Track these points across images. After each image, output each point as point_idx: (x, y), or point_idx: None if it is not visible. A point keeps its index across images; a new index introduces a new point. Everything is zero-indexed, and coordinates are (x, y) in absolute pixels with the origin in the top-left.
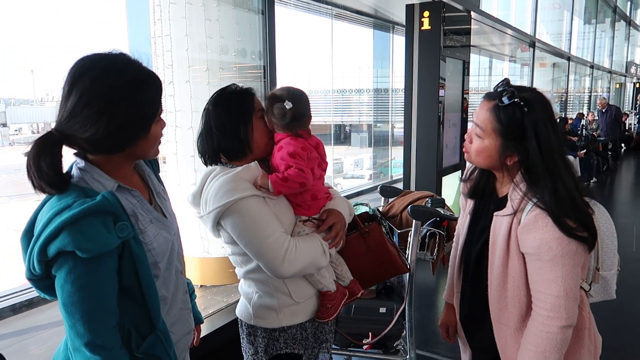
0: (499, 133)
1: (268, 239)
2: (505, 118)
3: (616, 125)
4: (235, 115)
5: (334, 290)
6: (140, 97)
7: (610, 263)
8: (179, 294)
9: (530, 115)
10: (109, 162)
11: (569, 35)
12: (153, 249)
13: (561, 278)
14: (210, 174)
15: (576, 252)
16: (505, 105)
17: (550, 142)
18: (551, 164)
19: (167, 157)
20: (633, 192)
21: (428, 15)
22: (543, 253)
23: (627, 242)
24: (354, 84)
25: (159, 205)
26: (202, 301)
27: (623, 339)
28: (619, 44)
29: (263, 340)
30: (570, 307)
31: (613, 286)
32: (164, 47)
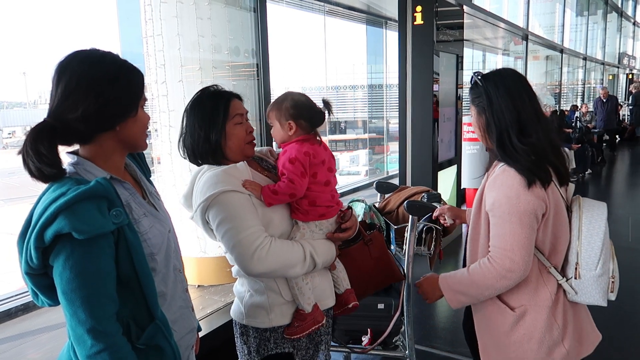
0: (474, 104)
1: (241, 233)
2: (471, 92)
3: (614, 115)
4: (207, 121)
5: (308, 312)
6: (124, 76)
7: (591, 263)
8: (178, 292)
9: (485, 83)
10: (100, 153)
11: (561, 27)
12: (148, 239)
13: (509, 234)
14: (198, 173)
15: (525, 210)
16: (471, 86)
17: (499, 99)
18: (499, 115)
19: (162, 157)
20: (628, 182)
21: (421, 10)
22: (495, 210)
23: (622, 233)
24: (348, 81)
25: (151, 202)
26: (200, 301)
27: (619, 330)
28: (611, 36)
29: (255, 340)
30: (516, 261)
31: (597, 290)
32: (156, 46)
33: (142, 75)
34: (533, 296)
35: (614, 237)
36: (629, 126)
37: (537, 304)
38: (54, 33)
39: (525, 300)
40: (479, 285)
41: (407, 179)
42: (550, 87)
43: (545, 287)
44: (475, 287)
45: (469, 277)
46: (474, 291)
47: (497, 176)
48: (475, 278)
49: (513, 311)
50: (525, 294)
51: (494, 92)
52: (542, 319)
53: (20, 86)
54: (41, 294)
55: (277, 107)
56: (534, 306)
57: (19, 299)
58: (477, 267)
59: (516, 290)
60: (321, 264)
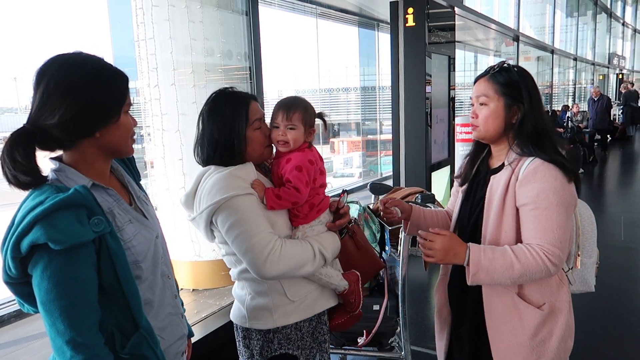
0: (501, 93)
1: (254, 237)
2: (503, 79)
3: (606, 114)
4: (228, 128)
5: (347, 287)
6: (104, 81)
7: (591, 250)
8: (167, 298)
9: (522, 76)
10: (82, 159)
11: (552, 28)
12: (132, 246)
13: (557, 227)
14: (204, 174)
15: (570, 202)
16: (499, 70)
17: (540, 101)
18: (540, 118)
19: (155, 160)
20: (620, 182)
21: (412, 12)
22: (541, 201)
23: (615, 231)
24: (341, 83)
25: (139, 208)
26: (195, 305)
27: (613, 325)
28: (601, 36)
29: (258, 342)
30: (561, 256)
31: (592, 277)
32: (148, 50)
33: (125, 80)
34: (556, 292)
35: (607, 236)
36: (620, 125)
37: (559, 299)
38: (46, 37)
39: (548, 297)
40: (518, 272)
41: (401, 180)
42: (541, 87)
43: (562, 282)
44: (511, 272)
45: (512, 259)
46: (506, 275)
47: (536, 169)
48: (522, 264)
49: (540, 309)
50: (548, 290)
51: (534, 92)
52: (564, 315)
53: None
54: (24, 302)
55: (304, 111)
56: (556, 302)
57: (10, 306)
58: (527, 254)
59: (538, 287)
60: (330, 257)
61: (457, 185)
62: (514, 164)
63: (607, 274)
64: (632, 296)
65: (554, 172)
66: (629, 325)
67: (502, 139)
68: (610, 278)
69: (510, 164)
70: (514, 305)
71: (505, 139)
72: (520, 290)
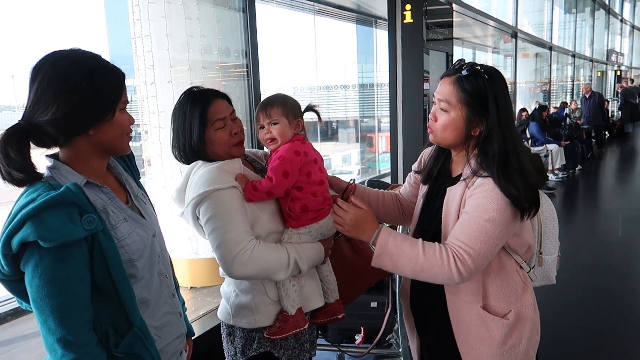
0: (465, 102)
1: (226, 234)
2: (469, 87)
3: (599, 111)
4: (187, 129)
5: (291, 314)
6: (98, 78)
7: (552, 247)
8: (164, 297)
9: (491, 84)
10: (77, 157)
11: (550, 25)
12: (127, 245)
13: (483, 239)
14: (192, 168)
15: (507, 221)
16: (467, 75)
17: (508, 113)
18: (508, 135)
19: (152, 158)
20: (617, 178)
21: (410, 9)
22: (478, 211)
23: (612, 228)
24: (340, 80)
25: (136, 206)
26: (193, 303)
27: (611, 323)
28: (599, 33)
29: (241, 340)
30: (472, 269)
31: (554, 270)
32: (145, 47)
33: (121, 77)
34: (520, 298)
35: (605, 233)
36: (618, 122)
37: (524, 304)
38: (43, 35)
39: (513, 304)
40: (420, 267)
41: (399, 178)
42: (540, 84)
43: (526, 286)
44: (413, 264)
45: (418, 253)
46: (408, 266)
47: (486, 183)
48: (427, 260)
49: (506, 319)
50: (512, 298)
51: (503, 103)
52: (529, 318)
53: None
54: (21, 299)
55: (283, 104)
56: (522, 307)
57: (8, 303)
58: (437, 253)
59: (502, 296)
60: (306, 269)
61: (414, 175)
62: (468, 179)
63: (604, 271)
64: (630, 293)
65: (502, 201)
66: (627, 323)
67: (461, 148)
68: (608, 274)
69: (465, 179)
70: (480, 318)
71: (464, 148)
72: (485, 302)
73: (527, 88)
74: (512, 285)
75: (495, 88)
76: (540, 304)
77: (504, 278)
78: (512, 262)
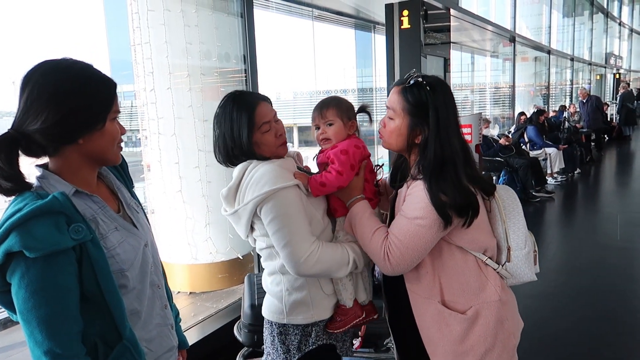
0: (407, 112)
1: (294, 235)
2: (412, 97)
3: (598, 114)
4: (236, 133)
5: (349, 307)
6: (89, 87)
7: (521, 241)
8: (156, 309)
9: (433, 96)
10: (66, 166)
11: (548, 29)
12: (117, 254)
13: (410, 233)
14: (247, 167)
15: (432, 221)
16: (411, 86)
17: (449, 123)
18: (446, 144)
19: (151, 164)
20: (616, 182)
21: (407, 14)
22: (408, 211)
23: (611, 231)
24: (339, 85)
25: (128, 216)
26: (192, 308)
27: (610, 325)
28: (597, 36)
29: (296, 337)
30: (400, 256)
31: (527, 267)
32: (144, 54)
33: (112, 87)
34: (479, 294)
35: (604, 236)
36: (616, 125)
37: (486, 300)
38: (43, 41)
39: (473, 301)
40: (366, 246)
41: None
42: (539, 87)
43: (488, 282)
44: (363, 240)
45: (370, 234)
46: (360, 239)
47: (417, 184)
48: (372, 242)
49: (464, 314)
50: (471, 295)
51: (444, 114)
52: (493, 315)
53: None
54: (9, 311)
55: (337, 106)
56: (482, 304)
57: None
58: (380, 238)
59: (460, 293)
60: (362, 266)
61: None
62: (409, 181)
63: (603, 274)
64: (629, 296)
65: (427, 202)
66: (626, 325)
67: (408, 153)
68: (607, 278)
69: (407, 181)
70: (439, 313)
71: (412, 153)
72: (442, 298)
73: (526, 92)
74: (470, 282)
75: (436, 100)
76: (537, 306)
77: (460, 275)
78: (471, 259)
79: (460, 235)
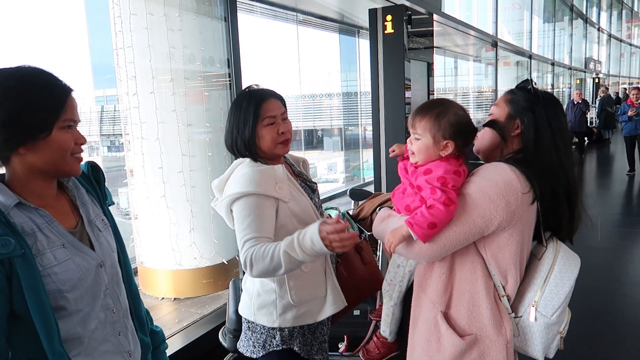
0: (520, 117)
1: (247, 236)
2: (522, 101)
3: (583, 118)
4: (241, 122)
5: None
6: (31, 93)
7: (551, 307)
8: (107, 335)
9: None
10: (14, 177)
11: (529, 34)
12: (54, 273)
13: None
14: (239, 164)
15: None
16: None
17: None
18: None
19: (135, 169)
20: (597, 184)
21: (391, 19)
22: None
23: (591, 233)
24: (324, 89)
25: (87, 233)
26: (176, 314)
27: (592, 325)
28: (577, 41)
29: (262, 336)
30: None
31: (542, 340)
32: (127, 58)
33: (63, 93)
34: (487, 325)
35: (584, 237)
36: (595, 129)
37: (492, 335)
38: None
39: (477, 329)
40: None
41: (382, 186)
42: None
43: (501, 318)
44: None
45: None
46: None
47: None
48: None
49: (463, 339)
50: (478, 320)
51: (546, 129)
52: (493, 354)
53: None
54: None
55: (436, 119)
56: (487, 338)
57: None
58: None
59: (467, 312)
60: (304, 257)
61: None
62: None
63: (585, 274)
64: (610, 295)
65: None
66: (607, 324)
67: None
68: (587, 278)
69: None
70: (435, 324)
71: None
72: (447, 310)
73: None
74: (481, 308)
75: (549, 111)
76: None
77: (473, 294)
78: (490, 286)
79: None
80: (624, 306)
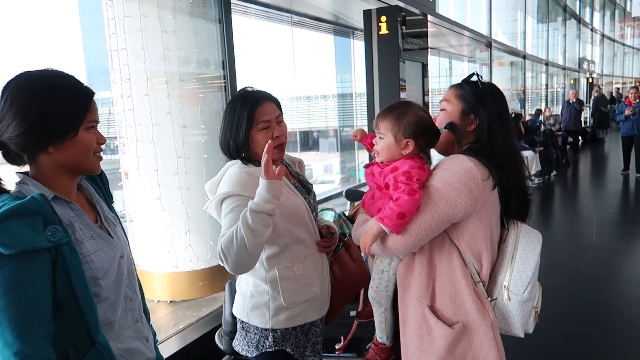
0: (470, 111)
1: (226, 232)
2: (468, 93)
3: (578, 117)
4: (234, 127)
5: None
6: (59, 95)
7: (521, 285)
8: (129, 322)
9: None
10: (42, 175)
11: (523, 34)
12: (91, 261)
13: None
14: (231, 166)
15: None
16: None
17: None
18: (507, 136)
19: (130, 172)
20: (591, 183)
21: (385, 20)
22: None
23: (587, 231)
24: (319, 90)
25: (105, 227)
26: (173, 317)
27: (584, 324)
28: (571, 42)
29: (255, 336)
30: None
31: (520, 318)
32: (121, 60)
33: (87, 96)
34: (471, 310)
35: (580, 237)
36: (589, 129)
37: (477, 319)
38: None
39: (462, 316)
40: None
41: None
42: (515, 92)
43: (482, 302)
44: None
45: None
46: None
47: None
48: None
49: (452, 328)
50: (462, 308)
51: (493, 118)
52: (480, 337)
53: None
54: None
55: (396, 120)
56: (474, 323)
57: None
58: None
59: (451, 302)
60: (254, 220)
61: None
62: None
63: (579, 274)
64: (603, 295)
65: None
66: (602, 323)
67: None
68: (581, 277)
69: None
70: (424, 319)
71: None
72: (432, 304)
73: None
74: (463, 295)
75: (496, 101)
76: None
77: (454, 284)
78: (468, 273)
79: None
80: (620, 304)
